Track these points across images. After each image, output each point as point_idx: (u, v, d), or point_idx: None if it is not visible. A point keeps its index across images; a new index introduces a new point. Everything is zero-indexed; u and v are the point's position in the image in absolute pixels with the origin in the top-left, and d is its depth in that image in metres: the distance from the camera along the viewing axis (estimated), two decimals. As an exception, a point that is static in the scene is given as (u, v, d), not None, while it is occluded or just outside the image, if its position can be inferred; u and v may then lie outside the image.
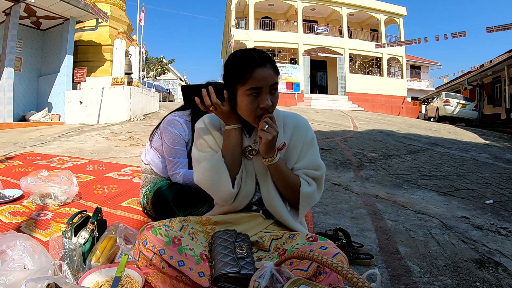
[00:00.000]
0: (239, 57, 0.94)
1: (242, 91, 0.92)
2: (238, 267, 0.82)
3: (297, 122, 1.06)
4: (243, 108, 0.93)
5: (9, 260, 0.88)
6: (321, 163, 1.04)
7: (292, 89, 15.93)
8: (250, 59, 0.91)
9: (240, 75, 0.91)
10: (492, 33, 11.86)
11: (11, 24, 6.59)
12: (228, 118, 0.98)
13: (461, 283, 1.09)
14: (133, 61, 8.63)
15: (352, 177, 2.74)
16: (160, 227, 0.91)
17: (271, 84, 0.92)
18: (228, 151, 0.98)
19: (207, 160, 1.00)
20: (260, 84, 0.90)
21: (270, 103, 0.92)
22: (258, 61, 0.90)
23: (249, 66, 0.90)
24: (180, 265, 0.84)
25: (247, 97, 0.91)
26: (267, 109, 0.92)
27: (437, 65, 25.71)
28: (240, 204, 1.03)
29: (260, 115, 0.93)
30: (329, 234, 1.32)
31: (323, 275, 0.77)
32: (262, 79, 0.90)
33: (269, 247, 0.96)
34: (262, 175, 1.02)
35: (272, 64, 0.94)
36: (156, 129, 1.56)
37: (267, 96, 0.92)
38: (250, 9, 16.87)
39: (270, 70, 0.92)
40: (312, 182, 1.01)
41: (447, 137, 6.16)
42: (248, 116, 0.94)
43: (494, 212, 1.96)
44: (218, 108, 0.95)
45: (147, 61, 21.82)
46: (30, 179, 1.78)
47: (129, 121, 6.95)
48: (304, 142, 1.04)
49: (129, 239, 1.16)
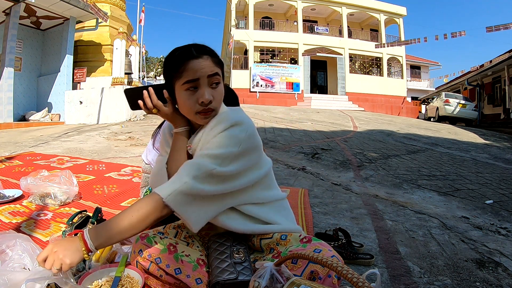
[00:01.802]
0: (175, 51, 0.88)
1: (179, 86, 0.85)
2: (235, 274, 0.81)
3: (224, 118, 0.88)
4: (182, 104, 0.87)
5: (9, 260, 0.88)
6: (217, 155, 0.82)
7: (292, 89, 15.93)
8: (185, 51, 0.85)
9: (175, 68, 0.85)
10: (492, 32, 11.88)
11: (11, 24, 6.59)
12: (173, 120, 0.91)
13: (461, 283, 1.09)
14: (133, 61, 8.63)
15: (352, 177, 2.74)
16: (154, 235, 0.90)
17: (209, 75, 0.84)
18: (172, 155, 0.93)
19: (156, 163, 0.99)
20: (195, 76, 0.83)
21: (210, 97, 0.84)
22: (193, 53, 0.84)
23: (183, 58, 0.84)
24: (177, 273, 0.83)
25: (185, 92, 0.85)
26: (206, 104, 0.84)
27: (437, 65, 25.73)
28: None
29: (200, 111, 0.86)
30: (329, 234, 1.32)
31: (317, 281, 0.74)
32: (196, 70, 0.83)
33: (260, 247, 0.93)
34: None
35: (211, 56, 0.86)
36: (158, 128, 1.55)
37: (206, 90, 0.84)
38: (250, 9, 16.87)
39: (207, 61, 0.84)
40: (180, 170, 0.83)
41: (447, 137, 6.16)
42: (189, 113, 0.88)
43: (494, 212, 1.96)
44: (161, 110, 0.88)
45: (147, 61, 21.85)
46: (30, 179, 1.79)
47: (129, 121, 6.95)
48: (217, 135, 0.85)
49: (129, 240, 1.16)
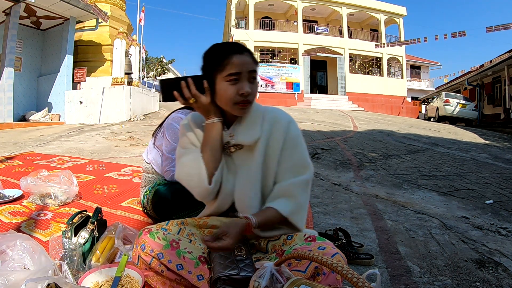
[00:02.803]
0: (217, 46, 0.95)
1: (220, 78, 0.91)
2: (237, 269, 0.82)
3: (276, 117, 0.98)
4: (222, 95, 0.91)
5: (9, 260, 0.88)
6: (309, 162, 0.97)
7: (292, 89, 15.93)
8: (228, 47, 0.92)
9: (218, 62, 0.90)
10: (492, 32, 11.88)
11: (11, 24, 6.59)
12: (208, 111, 0.95)
13: (461, 283, 1.09)
14: (133, 61, 8.62)
15: (352, 177, 2.73)
16: (157, 230, 0.90)
17: (249, 71, 0.91)
18: (207, 145, 0.95)
19: (185, 155, 0.99)
20: (238, 70, 0.89)
21: (250, 90, 0.91)
22: (236, 49, 0.91)
23: (227, 53, 0.90)
24: (179, 268, 0.84)
25: (226, 84, 0.90)
26: (246, 96, 0.90)
27: (437, 65, 25.72)
28: (222, 203, 0.99)
29: (239, 102, 0.91)
30: (329, 234, 1.32)
31: (321, 276, 0.76)
32: (240, 64, 0.89)
33: (267, 248, 0.95)
34: (240, 170, 0.98)
35: (250, 54, 0.94)
36: (159, 127, 1.55)
37: (246, 83, 0.90)
38: (250, 9, 16.87)
39: (248, 58, 0.92)
40: (294, 192, 0.94)
41: (447, 137, 6.16)
42: (227, 103, 0.92)
43: (494, 212, 1.96)
44: (198, 100, 0.92)
45: (147, 61, 21.82)
46: (30, 179, 1.78)
47: (129, 121, 6.94)
48: (287, 138, 0.96)
49: (129, 239, 1.16)
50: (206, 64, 0.95)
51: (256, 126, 0.95)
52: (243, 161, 0.97)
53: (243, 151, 0.97)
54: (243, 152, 0.98)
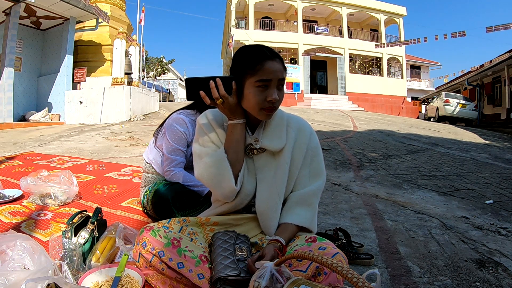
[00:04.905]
0: (250, 49, 0.95)
1: (250, 82, 0.91)
2: (238, 270, 0.82)
3: (300, 125, 1.04)
4: (250, 99, 0.92)
5: (9, 260, 0.88)
6: (324, 170, 1.05)
7: (292, 89, 15.91)
8: (262, 51, 0.92)
9: (250, 66, 0.90)
10: (492, 32, 11.88)
11: (11, 24, 6.58)
12: (233, 112, 0.95)
13: (461, 283, 1.09)
14: (133, 61, 8.63)
15: (352, 177, 2.73)
16: (159, 228, 0.91)
17: (279, 79, 0.92)
18: (232, 146, 0.96)
19: (209, 155, 0.98)
20: (269, 77, 0.90)
21: (277, 97, 0.92)
22: (268, 54, 0.92)
23: (260, 58, 0.91)
24: (180, 267, 0.84)
25: (256, 89, 0.91)
26: (274, 102, 0.91)
27: (437, 65, 25.72)
28: (240, 202, 1.01)
29: (266, 108, 0.92)
30: (329, 234, 1.32)
31: (322, 276, 0.76)
32: (272, 71, 0.90)
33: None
34: (262, 173, 1.00)
35: (281, 60, 0.94)
36: (160, 127, 1.55)
37: (275, 90, 0.91)
38: (250, 9, 16.87)
39: (279, 65, 0.92)
40: (310, 200, 1.00)
41: (447, 137, 6.16)
42: (254, 108, 0.93)
43: (494, 212, 1.96)
44: (226, 101, 0.92)
45: (147, 61, 21.83)
46: (30, 179, 1.78)
47: (129, 121, 6.95)
48: (309, 147, 1.02)
49: (129, 239, 1.16)
50: (236, 65, 0.95)
51: (282, 133, 0.99)
52: (263, 164, 1.01)
53: (265, 154, 1.01)
54: (265, 155, 1.01)
